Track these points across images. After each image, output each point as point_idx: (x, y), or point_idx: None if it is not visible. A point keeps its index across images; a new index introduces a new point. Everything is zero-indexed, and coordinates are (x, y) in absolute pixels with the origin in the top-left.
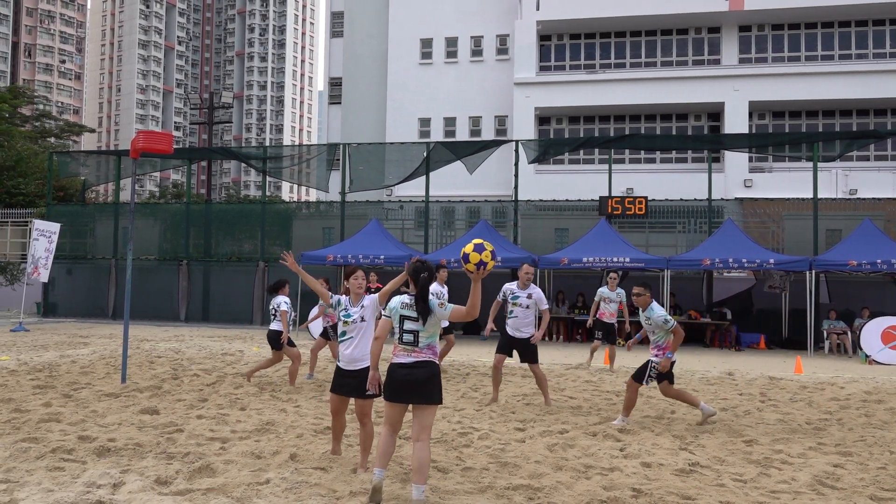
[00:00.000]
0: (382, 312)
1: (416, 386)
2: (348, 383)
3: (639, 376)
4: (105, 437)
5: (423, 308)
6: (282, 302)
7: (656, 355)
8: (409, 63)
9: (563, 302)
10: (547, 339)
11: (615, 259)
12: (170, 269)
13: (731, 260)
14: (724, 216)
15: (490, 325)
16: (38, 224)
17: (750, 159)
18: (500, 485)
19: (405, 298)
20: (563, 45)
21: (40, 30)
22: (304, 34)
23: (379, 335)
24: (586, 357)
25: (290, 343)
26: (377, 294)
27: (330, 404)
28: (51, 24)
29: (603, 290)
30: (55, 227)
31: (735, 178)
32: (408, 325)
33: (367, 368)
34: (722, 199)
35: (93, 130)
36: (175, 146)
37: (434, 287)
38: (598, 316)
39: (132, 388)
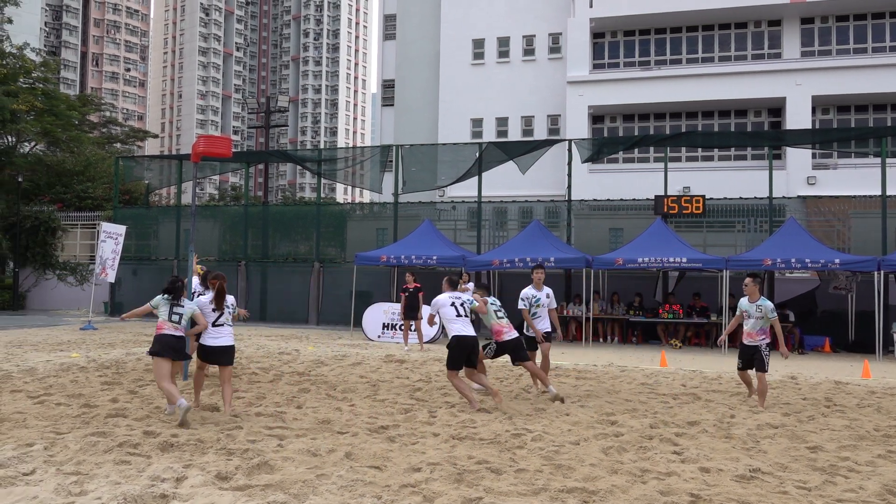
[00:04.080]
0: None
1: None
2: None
3: (762, 367)
4: (168, 432)
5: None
6: None
7: (763, 339)
8: (462, 64)
9: (619, 303)
10: (601, 340)
11: (672, 259)
12: (229, 270)
13: (793, 260)
14: (786, 215)
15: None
16: (106, 226)
17: (813, 156)
18: (554, 487)
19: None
20: (617, 42)
21: (107, 40)
22: (357, 38)
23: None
24: (636, 358)
25: None
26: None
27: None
28: (116, 34)
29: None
30: (121, 229)
31: (797, 175)
32: (176, 309)
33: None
34: (784, 197)
35: (156, 136)
36: (233, 150)
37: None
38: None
39: (193, 386)
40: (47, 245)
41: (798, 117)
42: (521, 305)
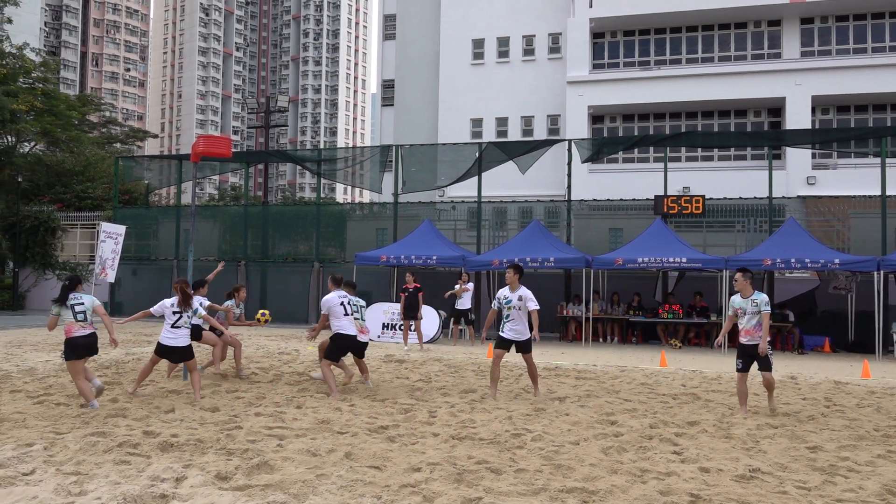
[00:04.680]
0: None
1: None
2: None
3: (767, 365)
4: (168, 432)
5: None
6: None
7: (760, 335)
8: (461, 64)
9: (618, 303)
10: (601, 340)
11: (671, 259)
12: (229, 270)
13: (793, 260)
14: (786, 215)
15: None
16: (106, 226)
17: (813, 156)
18: (553, 487)
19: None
20: (617, 42)
21: (107, 40)
22: (357, 38)
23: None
24: (635, 358)
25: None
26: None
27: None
28: (116, 33)
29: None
30: (121, 229)
31: (797, 175)
32: (78, 308)
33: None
34: (783, 197)
35: (156, 136)
36: (233, 150)
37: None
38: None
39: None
40: (47, 245)
41: (798, 117)
42: (493, 306)
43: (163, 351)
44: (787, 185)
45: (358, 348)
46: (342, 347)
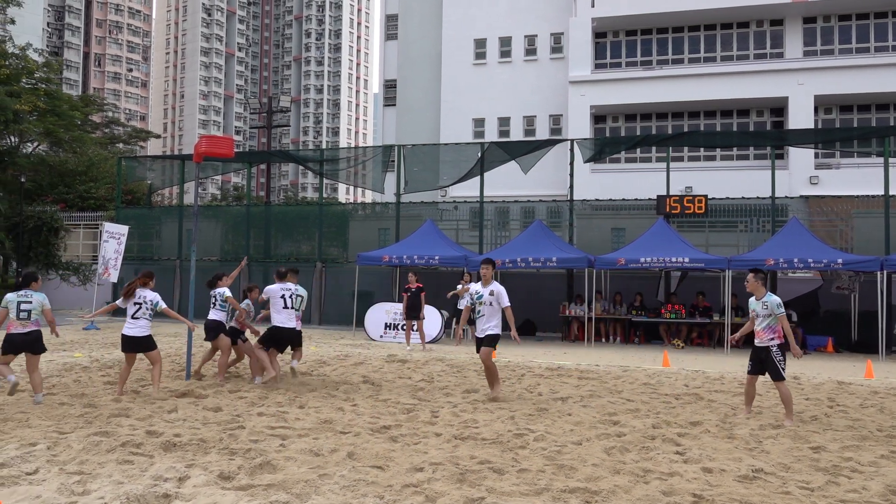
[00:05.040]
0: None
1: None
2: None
3: (777, 373)
4: (171, 432)
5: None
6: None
7: (772, 339)
8: (463, 64)
9: (621, 303)
10: (604, 340)
11: (674, 259)
12: (231, 270)
13: (796, 260)
14: (789, 215)
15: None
16: (108, 226)
17: (816, 155)
18: (556, 487)
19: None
20: (619, 41)
21: (109, 40)
22: (359, 38)
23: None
24: (638, 358)
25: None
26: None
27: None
28: (118, 34)
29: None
30: (124, 229)
31: (800, 175)
32: (24, 305)
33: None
34: (786, 197)
35: (158, 136)
36: (235, 150)
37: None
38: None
39: (196, 385)
40: (50, 245)
41: (800, 117)
42: (466, 302)
43: (123, 340)
44: (790, 184)
45: (295, 340)
46: (281, 339)
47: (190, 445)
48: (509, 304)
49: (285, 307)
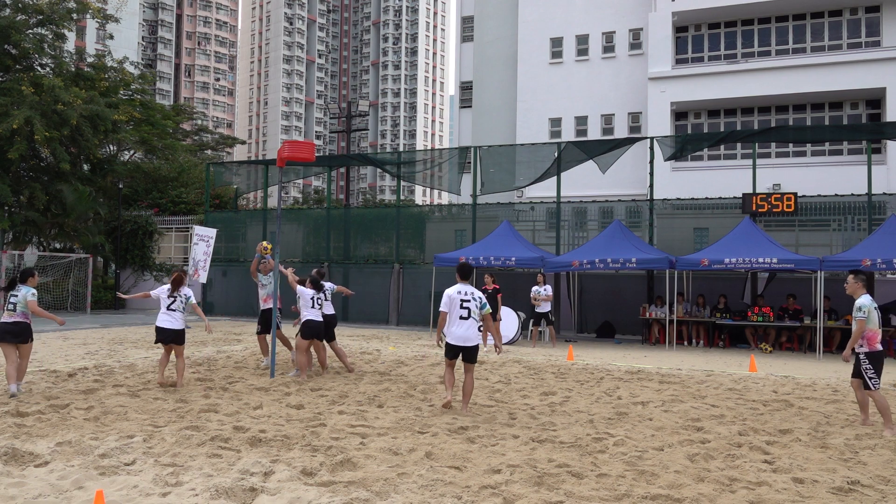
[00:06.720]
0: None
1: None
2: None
3: (865, 383)
4: (257, 428)
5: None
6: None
7: (861, 346)
8: (539, 63)
9: (704, 305)
10: (686, 343)
11: (761, 259)
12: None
13: (895, 260)
14: (887, 212)
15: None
16: (198, 230)
17: None
18: (637, 493)
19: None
20: (701, 35)
21: (198, 51)
22: (434, 41)
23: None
24: (723, 362)
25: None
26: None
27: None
28: (207, 45)
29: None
30: (212, 232)
31: None
32: (12, 299)
33: None
34: (884, 193)
35: (243, 142)
36: (316, 154)
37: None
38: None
39: (280, 383)
40: (145, 248)
41: None
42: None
43: (159, 332)
44: (889, 180)
45: (324, 332)
46: (309, 330)
47: (274, 441)
48: (489, 310)
49: (313, 307)
